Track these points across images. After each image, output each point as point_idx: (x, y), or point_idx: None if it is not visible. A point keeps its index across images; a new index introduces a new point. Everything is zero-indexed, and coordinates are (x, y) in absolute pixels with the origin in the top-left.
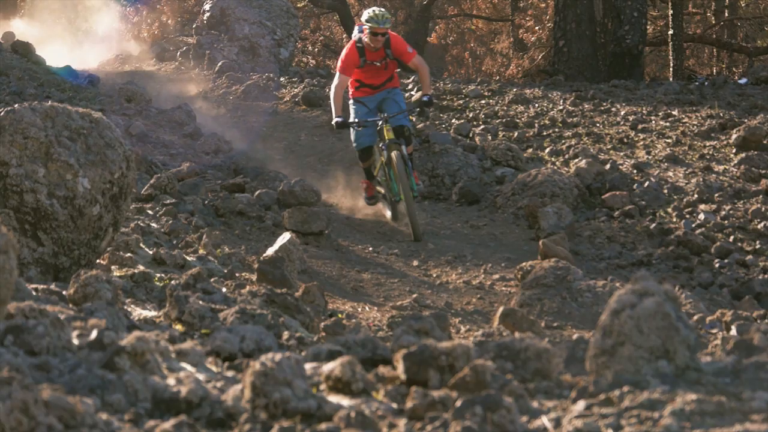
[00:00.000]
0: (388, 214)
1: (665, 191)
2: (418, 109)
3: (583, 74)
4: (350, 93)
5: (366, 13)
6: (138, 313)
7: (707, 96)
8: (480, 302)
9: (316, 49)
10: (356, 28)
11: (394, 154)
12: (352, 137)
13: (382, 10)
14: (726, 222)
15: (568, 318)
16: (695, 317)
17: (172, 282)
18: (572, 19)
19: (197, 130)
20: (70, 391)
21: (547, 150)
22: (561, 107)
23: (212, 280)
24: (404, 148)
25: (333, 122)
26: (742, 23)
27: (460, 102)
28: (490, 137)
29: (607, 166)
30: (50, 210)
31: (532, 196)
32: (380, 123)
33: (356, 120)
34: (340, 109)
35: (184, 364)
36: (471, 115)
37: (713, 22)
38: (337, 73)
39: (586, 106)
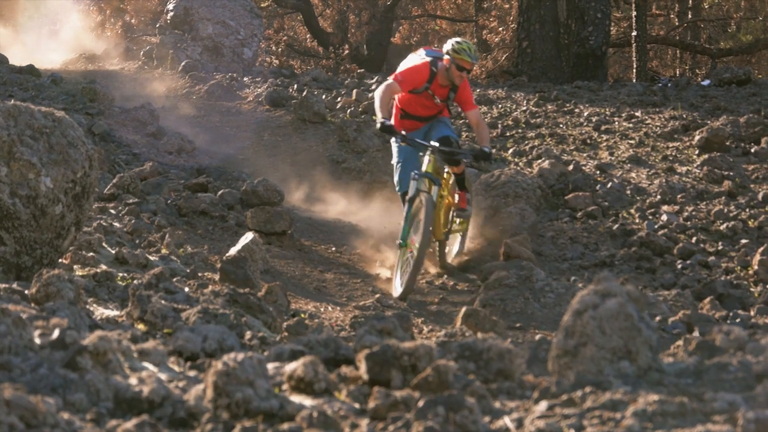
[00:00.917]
0: (397, 286)
1: (628, 192)
2: (472, 156)
3: (547, 75)
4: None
5: (454, 43)
6: (100, 312)
7: (670, 97)
8: (443, 302)
9: (280, 49)
10: (423, 51)
11: (423, 196)
12: (396, 177)
13: (470, 42)
14: (689, 223)
15: (531, 318)
16: (657, 318)
17: (135, 281)
18: (536, 20)
19: (160, 130)
20: (32, 390)
21: (510, 151)
22: (524, 108)
23: (175, 279)
24: (437, 189)
25: (377, 125)
26: (706, 25)
27: None
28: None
29: (570, 167)
30: (12, 209)
31: (495, 197)
32: (428, 152)
33: (404, 143)
34: (387, 112)
35: (146, 364)
36: None
37: (677, 23)
38: (392, 80)
39: (550, 107)
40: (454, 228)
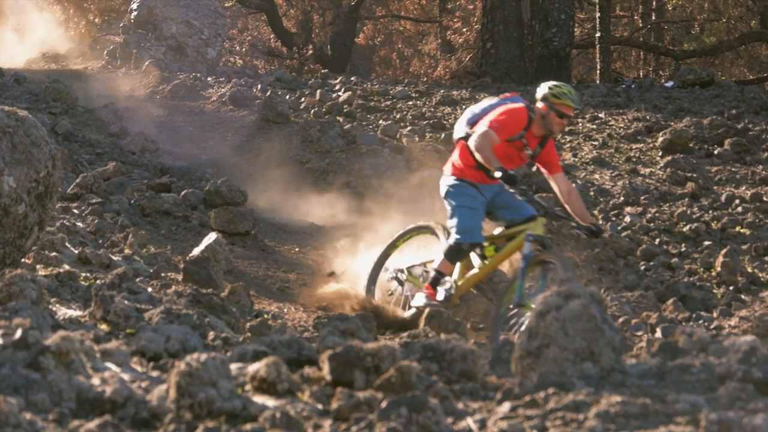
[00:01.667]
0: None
1: (591, 194)
2: (586, 233)
3: (511, 76)
4: (455, 169)
5: (553, 86)
6: (63, 312)
7: (634, 99)
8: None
9: (244, 49)
10: (509, 96)
11: (556, 259)
12: (457, 222)
13: (569, 85)
14: (652, 225)
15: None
16: (620, 319)
17: (98, 281)
18: (500, 21)
19: (123, 130)
20: None
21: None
22: None
23: (138, 279)
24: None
25: (498, 174)
26: (669, 26)
27: (388, 103)
28: (417, 139)
29: (534, 168)
30: None
31: None
32: (536, 214)
33: (523, 198)
34: (499, 162)
35: (109, 364)
36: (398, 116)
37: (640, 25)
38: (490, 130)
39: None
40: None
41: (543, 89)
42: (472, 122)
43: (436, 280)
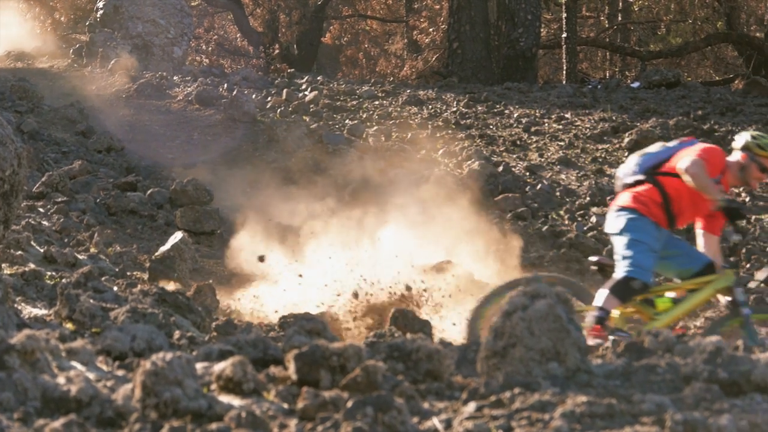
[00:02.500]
0: None
1: (558, 194)
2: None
3: (477, 76)
4: (639, 204)
5: (758, 136)
6: (28, 311)
7: (600, 99)
8: None
9: (210, 48)
10: (687, 141)
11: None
12: (632, 255)
13: None
14: None
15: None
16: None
17: (63, 280)
18: (466, 21)
19: (90, 128)
20: None
21: (441, 151)
22: (454, 109)
23: (103, 278)
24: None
25: (719, 202)
26: (635, 27)
27: (354, 103)
28: (383, 138)
29: (500, 168)
30: None
31: None
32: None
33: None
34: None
35: (74, 363)
36: (365, 115)
37: (606, 25)
38: (701, 159)
39: (480, 108)
40: None
41: (745, 137)
42: (646, 167)
43: (601, 319)
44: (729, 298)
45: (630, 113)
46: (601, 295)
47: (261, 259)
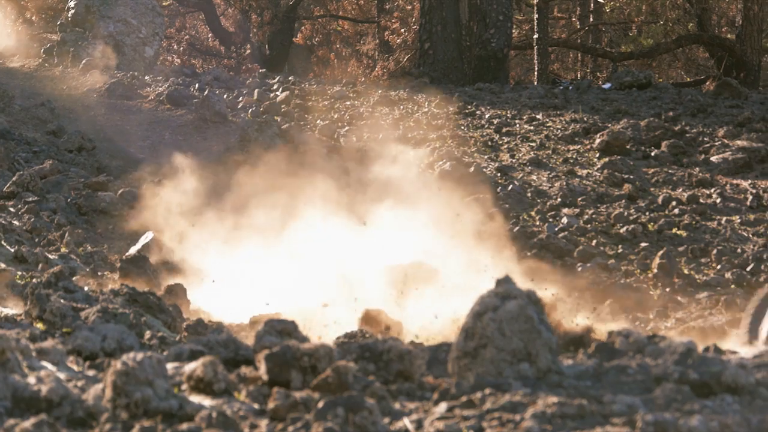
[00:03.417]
0: None
1: (529, 195)
2: None
3: (449, 77)
4: None
5: None
6: None
7: (571, 100)
8: None
9: (182, 48)
10: None
11: None
12: None
13: None
14: (589, 226)
15: None
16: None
17: (34, 280)
18: (438, 22)
19: (60, 128)
20: None
21: (412, 152)
22: (426, 110)
23: (74, 278)
24: None
25: None
26: (607, 28)
27: (326, 103)
28: (355, 139)
29: (471, 169)
30: None
31: None
32: None
33: None
34: None
35: (44, 363)
36: (336, 116)
37: (578, 27)
38: None
39: (451, 108)
40: None
41: None
42: None
43: None
44: None
45: (601, 114)
46: None
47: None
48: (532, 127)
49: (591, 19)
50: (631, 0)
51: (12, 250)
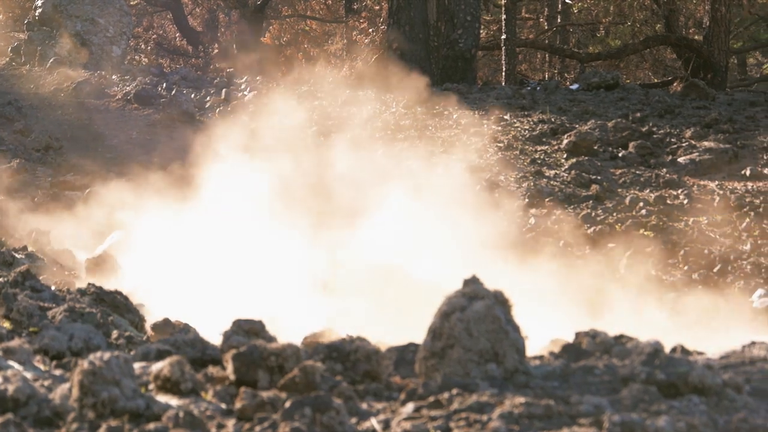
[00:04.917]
0: None
1: (496, 195)
2: None
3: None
4: None
5: None
6: None
7: (539, 101)
8: None
9: (149, 48)
10: None
11: None
12: None
13: None
14: (556, 227)
15: None
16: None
17: (1, 279)
18: (405, 22)
19: (28, 127)
20: None
21: (379, 152)
22: (393, 110)
23: (41, 278)
24: None
25: None
26: (575, 29)
27: (293, 103)
28: (322, 138)
29: (438, 170)
30: None
31: None
32: None
33: None
34: None
35: (11, 362)
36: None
37: (546, 27)
38: None
39: (419, 109)
40: None
41: None
42: None
43: None
44: None
45: (569, 115)
46: None
47: None
48: (499, 128)
49: (559, 20)
50: (599, 1)
51: None
